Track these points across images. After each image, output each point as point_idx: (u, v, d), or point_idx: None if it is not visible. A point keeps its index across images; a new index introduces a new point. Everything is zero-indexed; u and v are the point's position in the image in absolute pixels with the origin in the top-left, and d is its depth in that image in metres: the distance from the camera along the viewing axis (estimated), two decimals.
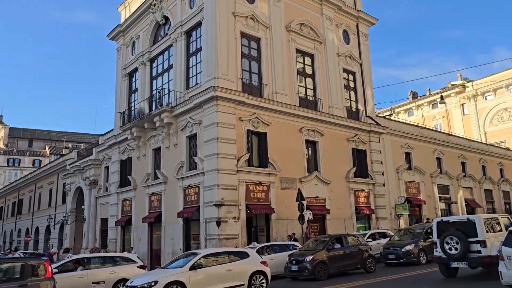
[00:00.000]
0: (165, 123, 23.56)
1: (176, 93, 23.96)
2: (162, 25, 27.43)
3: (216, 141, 20.25)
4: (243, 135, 21.48)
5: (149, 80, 27.53)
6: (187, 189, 21.90)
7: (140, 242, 24.99)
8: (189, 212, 21.16)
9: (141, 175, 26.03)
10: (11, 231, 53.85)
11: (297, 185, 22.94)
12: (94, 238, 30.91)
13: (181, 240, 21.78)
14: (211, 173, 20.17)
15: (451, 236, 12.63)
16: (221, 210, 19.51)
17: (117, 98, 30.82)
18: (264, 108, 22.54)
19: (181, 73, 24.17)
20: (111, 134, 30.48)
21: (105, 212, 30.16)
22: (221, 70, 21.32)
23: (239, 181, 20.68)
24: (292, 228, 22.07)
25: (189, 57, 24.26)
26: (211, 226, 19.63)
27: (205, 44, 22.40)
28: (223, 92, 20.67)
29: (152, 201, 24.77)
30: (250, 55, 23.50)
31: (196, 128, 21.86)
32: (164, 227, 23.25)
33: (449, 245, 12.64)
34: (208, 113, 21.02)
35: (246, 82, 22.80)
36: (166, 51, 26.57)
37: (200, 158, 21.11)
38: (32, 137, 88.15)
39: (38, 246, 44.39)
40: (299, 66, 26.11)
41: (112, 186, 29.23)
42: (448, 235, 12.71)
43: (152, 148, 25.56)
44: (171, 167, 23.27)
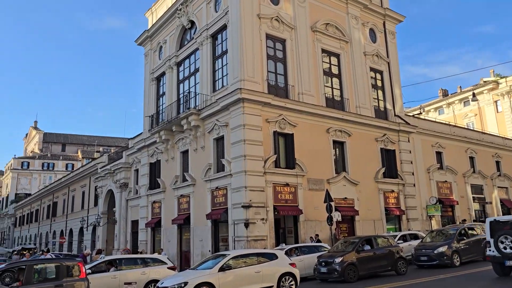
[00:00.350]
0: (193, 126, 23.84)
1: (202, 96, 24.21)
2: (188, 29, 27.81)
3: (243, 143, 20.34)
4: (270, 137, 21.48)
5: (176, 84, 27.95)
6: (215, 191, 22.07)
7: (169, 243, 25.35)
8: (218, 213, 21.32)
9: (170, 178, 26.41)
10: (47, 232, 55.66)
11: (325, 186, 22.76)
12: (125, 239, 31.56)
13: (210, 241, 21.96)
14: (239, 175, 20.26)
15: (505, 235, 13.04)
16: (249, 212, 19.56)
17: (146, 102, 31.41)
18: (290, 109, 22.48)
19: (207, 76, 24.42)
20: (140, 137, 31.09)
21: (135, 214, 30.76)
22: (246, 72, 21.41)
23: (267, 182, 20.69)
24: (320, 229, 21.89)
25: (215, 60, 24.48)
26: (239, 227, 19.71)
27: (231, 47, 22.55)
28: (249, 94, 20.75)
29: (181, 203, 25.10)
30: (275, 57, 23.50)
31: (223, 130, 22.02)
32: (193, 228, 23.50)
33: (504, 244, 13.03)
34: (234, 115, 21.14)
35: (272, 83, 22.81)
36: (192, 55, 26.91)
37: (227, 160, 21.24)
38: (65, 142, 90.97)
39: (72, 247, 45.72)
40: (325, 66, 25.91)
41: (142, 189, 29.79)
42: (502, 234, 13.10)
43: (180, 151, 25.91)
44: (199, 169, 23.52)
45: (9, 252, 49.74)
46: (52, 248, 50.38)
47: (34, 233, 62.08)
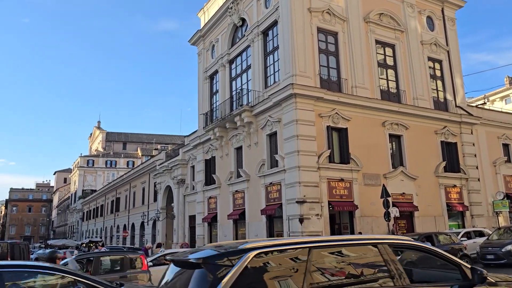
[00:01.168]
0: (246, 123, 24.11)
1: (255, 92, 24.40)
2: (239, 27, 28.10)
3: (296, 138, 20.28)
4: (323, 132, 21.25)
5: (229, 81, 28.38)
6: (269, 186, 22.22)
7: (226, 238, 25.87)
8: (272, 209, 21.46)
9: (225, 174, 26.93)
10: (111, 226, 58.87)
11: (381, 181, 22.15)
12: (184, 234, 32.63)
13: (265, 237, 22.14)
14: (292, 171, 20.25)
15: None
16: (303, 207, 19.51)
17: (200, 100, 32.19)
18: (344, 103, 22.08)
19: (259, 72, 24.57)
20: (196, 135, 31.94)
21: (192, 210, 31.71)
22: (298, 67, 21.30)
23: (321, 178, 20.51)
24: (377, 225, 21.37)
25: (266, 56, 24.57)
26: (293, 223, 19.72)
27: (282, 43, 22.52)
28: (301, 89, 20.63)
29: (236, 199, 25.52)
30: (327, 50, 23.16)
31: (276, 126, 22.08)
32: (248, 224, 23.84)
33: None
34: (287, 111, 21.13)
35: (325, 77, 22.51)
36: (244, 52, 27.18)
37: (280, 155, 21.29)
38: (125, 140, 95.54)
39: (134, 241, 48.02)
40: (380, 58, 25.15)
41: (198, 185, 30.62)
42: None
43: (234, 147, 26.32)
44: (253, 165, 23.77)
45: (78, 244, 53.22)
46: (116, 241, 53.27)
47: (99, 227, 65.89)
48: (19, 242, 16.98)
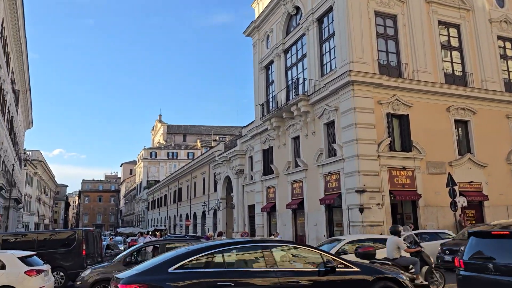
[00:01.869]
0: (302, 112, 23.98)
1: (311, 81, 24.15)
2: (293, 16, 27.85)
3: (355, 126, 19.87)
4: (383, 119, 20.62)
5: (285, 71, 28.30)
6: (328, 176, 22.01)
7: (285, 227, 26.06)
8: (331, 198, 21.26)
9: (282, 163, 27.03)
10: (174, 216, 61.35)
11: (446, 169, 21.14)
12: (243, 223, 33.27)
13: (324, 226, 22.04)
14: (351, 159, 19.90)
15: None
16: (363, 197, 19.15)
17: (256, 91, 32.42)
18: (404, 89, 21.25)
19: (315, 61, 24.25)
20: (253, 125, 32.27)
21: (251, 199, 32.21)
22: (355, 53, 20.76)
23: (381, 166, 19.97)
24: (443, 215, 20.48)
25: (322, 44, 24.17)
26: (353, 212, 19.43)
27: (338, 29, 22.04)
28: (359, 76, 20.13)
29: (294, 188, 25.56)
30: (386, 34, 22.33)
31: (333, 115, 21.75)
32: (307, 213, 23.82)
33: None
34: (344, 98, 20.73)
35: (383, 63, 21.76)
36: (299, 41, 26.93)
37: (339, 144, 20.98)
38: (185, 132, 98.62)
39: (196, 229, 49.73)
40: (443, 40, 23.84)
41: (257, 175, 31.00)
42: None
43: (291, 137, 26.31)
44: (311, 154, 23.64)
45: (144, 232, 56.07)
46: (180, 230, 55.47)
47: (163, 216, 68.91)
48: (92, 229, 18.22)
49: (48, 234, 19.50)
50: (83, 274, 11.93)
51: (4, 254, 10.86)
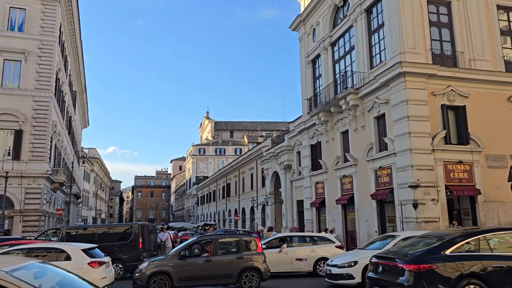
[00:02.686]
0: (351, 106, 23.51)
1: (360, 74, 23.61)
2: (340, 8, 27.31)
3: (407, 119, 19.22)
4: (437, 111, 19.79)
5: (332, 64, 27.85)
6: (379, 170, 21.47)
7: (334, 223, 25.74)
8: (382, 194, 20.74)
9: (331, 158, 26.68)
10: (223, 211, 62.38)
11: (508, 162, 19.94)
12: (292, 218, 33.22)
13: (376, 222, 21.55)
14: (404, 154, 19.28)
15: None
16: (417, 192, 18.51)
17: (303, 85, 32.16)
18: (460, 79, 20.26)
19: (363, 53, 23.68)
20: (300, 120, 32.07)
21: (300, 195, 32.08)
22: (407, 43, 20.04)
23: (436, 160, 19.19)
24: (504, 211, 19.39)
25: (370, 35, 23.54)
26: (407, 208, 18.83)
27: (387, 19, 21.35)
28: (411, 67, 19.42)
29: (344, 184, 25.17)
30: (439, 22, 21.36)
31: (384, 108, 21.15)
32: (357, 209, 23.38)
33: None
34: (395, 91, 20.09)
35: (437, 52, 20.83)
36: (346, 33, 26.38)
37: (390, 138, 20.39)
38: (232, 129, 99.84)
39: (245, 224, 50.29)
40: (502, 25, 22.46)
41: (305, 170, 30.81)
42: None
43: (340, 132, 25.89)
44: (360, 149, 23.16)
45: (195, 227, 57.46)
46: (229, 225, 56.34)
47: (213, 211, 70.24)
48: (147, 224, 18.93)
49: (107, 228, 20.51)
50: (141, 267, 12.43)
51: (69, 246, 11.53)
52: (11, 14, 31.37)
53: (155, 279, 11.94)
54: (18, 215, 28.96)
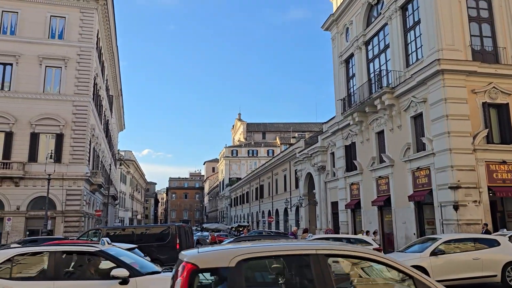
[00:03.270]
0: (387, 105, 23.04)
1: (395, 72, 23.10)
2: (374, 6, 26.84)
3: (446, 118, 18.63)
4: (478, 109, 19.09)
5: (366, 64, 27.39)
6: (416, 171, 20.91)
7: (370, 225, 25.27)
8: (421, 195, 20.18)
9: (366, 159, 26.21)
10: (257, 212, 62.47)
11: None
12: (327, 220, 32.86)
13: (414, 224, 20.99)
14: (443, 154, 18.69)
15: None
16: (457, 193, 17.90)
17: (336, 86, 31.78)
18: (502, 76, 19.49)
19: (399, 51, 23.15)
20: (334, 121, 31.71)
21: (334, 196, 31.69)
22: (445, 40, 19.43)
23: (477, 160, 18.50)
24: None
25: (406, 33, 23.00)
26: (447, 210, 18.24)
27: (424, 16, 20.80)
28: (450, 64, 18.84)
29: (380, 185, 24.67)
30: (479, 17, 20.61)
31: (421, 107, 20.60)
32: (394, 210, 22.86)
33: None
34: (433, 89, 19.52)
35: (477, 48, 20.11)
36: (381, 31, 25.89)
37: (428, 138, 19.82)
38: (264, 130, 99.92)
39: (279, 226, 50.16)
40: None
41: (339, 171, 30.43)
42: None
43: (375, 132, 25.42)
44: (397, 149, 22.65)
45: (228, 228, 57.86)
46: (262, 226, 56.38)
47: (246, 213, 70.49)
48: (184, 225, 19.17)
49: (144, 228, 20.95)
50: None
51: None
52: (52, 23, 32.68)
53: None
54: (60, 215, 30.09)
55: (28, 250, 7.47)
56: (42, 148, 30.54)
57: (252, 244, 4.67)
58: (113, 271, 6.50)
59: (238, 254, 3.94)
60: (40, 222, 28.10)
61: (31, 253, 7.37)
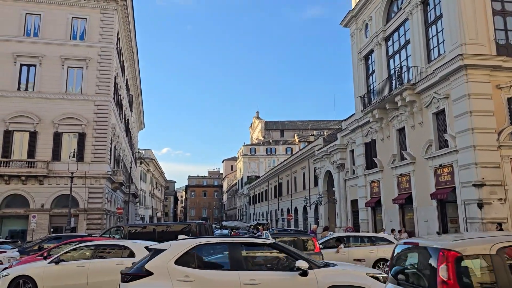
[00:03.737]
0: (408, 102, 22.69)
1: (416, 68, 22.72)
2: (394, 1, 26.44)
3: (469, 114, 18.23)
4: (503, 105, 18.63)
5: (386, 60, 27.01)
6: (439, 169, 20.54)
7: (391, 223, 24.94)
8: (443, 193, 19.81)
9: (387, 157, 25.89)
10: (275, 210, 62.44)
11: None
12: (347, 218, 32.59)
13: (436, 222, 20.63)
14: (466, 151, 18.31)
15: None
16: (482, 191, 17.51)
17: (355, 82, 31.46)
18: None
19: (420, 46, 22.75)
20: (353, 118, 31.40)
21: (354, 194, 31.41)
22: (468, 34, 19.00)
23: (503, 157, 18.06)
24: None
25: (427, 27, 22.58)
26: (471, 208, 17.87)
27: (446, 10, 20.37)
28: (473, 59, 18.43)
29: (401, 182, 24.33)
30: (503, 11, 20.06)
31: (443, 103, 20.21)
32: (416, 208, 22.52)
33: None
34: (456, 85, 19.12)
35: (502, 42, 19.58)
36: (401, 27, 25.49)
37: (451, 135, 19.44)
38: (282, 128, 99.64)
39: (298, 224, 50.02)
40: None
41: (359, 169, 30.13)
42: None
43: (395, 129, 25.07)
44: (418, 146, 22.29)
45: (247, 226, 58.04)
46: (282, 224, 56.35)
47: (265, 211, 70.50)
48: (204, 222, 19.37)
49: (165, 226, 21.19)
50: None
51: (133, 243, 12.00)
52: (73, 24, 33.32)
53: None
54: (82, 213, 30.69)
55: (208, 241, 7.73)
56: (65, 147, 31.21)
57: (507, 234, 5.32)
58: (297, 263, 6.77)
59: (496, 242, 4.51)
60: (64, 219, 28.74)
61: (210, 243, 7.63)
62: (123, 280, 6.93)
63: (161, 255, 6.98)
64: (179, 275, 6.71)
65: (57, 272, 11.15)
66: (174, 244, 7.24)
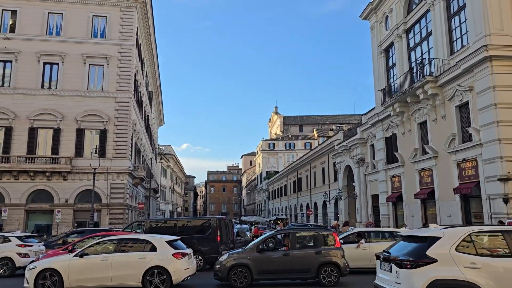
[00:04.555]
0: (430, 95, 22.26)
1: (438, 61, 22.24)
2: None
3: (494, 107, 17.77)
4: None
5: (407, 52, 26.54)
6: (462, 163, 20.12)
7: (413, 218, 24.61)
8: (467, 188, 19.41)
9: (408, 151, 25.50)
10: (295, 205, 62.35)
11: None
12: (367, 213, 32.28)
13: (460, 218, 20.25)
14: (491, 144, 17.87)
15: None
16: (508, 186, 17.08)
17: (375, 76, 31.02)
18: None
19: (442, 38, 22.25)
20: (373, 112, 31.00)
21: (374, 189, 31.08)
22: (493, 25, 18.48)
23: None
24: None
25: (450, 18, 22.06)
26: (496, 203, 17.46)
27: (469, 0, 19.85)
28: (498, 50, 17.92)
29: (423, 177, 23.94)
30: None
31: (467, 96, 19.75)
32: (438, 203, 22.14)
33: None
34: (480, 77, 18.65)
35: None
36: (422, 18, 24.97)
37: (474, 128, 19.00)
38: (301, 123, 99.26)
39: (317, 219, 49.84)
40: None
41: (379, 163, 29.77)
42: None
43: (417, 123, 24.65)
44: (441, 140, 21.87)
45: (267, 221, 58.03)
46: (301, 219, 56.24)
47: (284, 206, 70.50)
48: (224, 217, 19.41)
49: (185, 221, 21.39)
50: (221, 259, 12.79)
51: (155, 238, 12.18)
52: (94, 22, 33.82)
53: (235, 271, 12.23)
54: (105, 208, 31.27)
55: (482, 229, 7.83)
56: (87, 143, 31.83)
57: None
58: None
59: None
60: (87, 214, 29.36)
61: (484, 231, 7.71)
62: (401, 266, 7.23)
63: (440, 243, 7.22)
64: (465, 262, 6.97)
65: (81, 266, 11.42)
66: (449, 232, 7.47)
